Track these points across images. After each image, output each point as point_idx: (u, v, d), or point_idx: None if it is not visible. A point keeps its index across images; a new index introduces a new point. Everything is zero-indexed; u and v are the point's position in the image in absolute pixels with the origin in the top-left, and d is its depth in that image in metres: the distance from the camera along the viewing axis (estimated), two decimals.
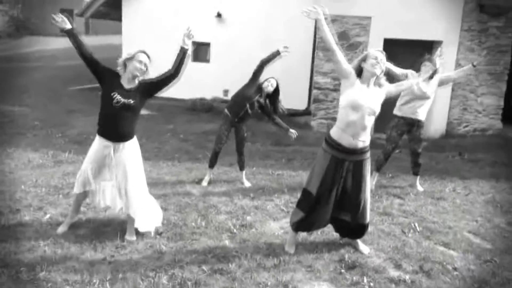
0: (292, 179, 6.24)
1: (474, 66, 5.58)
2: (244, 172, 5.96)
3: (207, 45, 13.22)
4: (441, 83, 5.70)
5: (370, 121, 3.61)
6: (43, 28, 27.44)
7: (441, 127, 9.74)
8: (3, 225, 4.05)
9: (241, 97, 5.60)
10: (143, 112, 10.81)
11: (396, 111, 5.85)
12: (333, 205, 3.77)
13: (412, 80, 4.03)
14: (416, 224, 4.61)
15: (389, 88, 3.78)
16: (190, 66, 13.32)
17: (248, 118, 5.72)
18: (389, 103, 4.48)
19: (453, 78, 5.86)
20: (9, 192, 4.92)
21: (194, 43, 13.20)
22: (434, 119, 9.67)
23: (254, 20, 12.39)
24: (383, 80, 3.72)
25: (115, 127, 3.78)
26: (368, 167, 3.79)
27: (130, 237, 3.97)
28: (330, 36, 3.59)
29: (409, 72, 5.63)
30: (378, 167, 5.94)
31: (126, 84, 3.79)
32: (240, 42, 12.37)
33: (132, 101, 3.74)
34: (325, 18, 3.59)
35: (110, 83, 3.76)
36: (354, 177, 3.71)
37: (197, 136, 8.84)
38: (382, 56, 3.61)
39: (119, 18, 13.91)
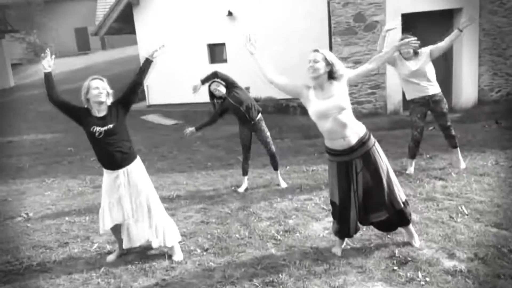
0: (327, 173, 6.15)
1: (460, 30, 5.25)
2: (278, 172, 5.92)
3: (222, 45, 13.22)
4: (433, 54, 5.39)
5: (345, 118, 3.46)
6: (60, 49, 28.01)
7: (473, 96, 9.46)
8: (54, 261, 4.15)
9: (235, 112, 5.59)
10: (169, 122, 10.97)
11: (406, 96, 5.70)
12: (359, 208, 3.70)
13: (367, 64, 3.75)
14: (463, 207, 4.48)
15: (349, 76, 3.56)
16: (209, 68, 13.35)
17: (256, 112, 5.61)
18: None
19: (444, 47, 5.42)
20: (55, 225, 5.05)
21: (208, 45, 13.23)
22: (464, 88, 9.40)
23: (264, 14, 12.29)
24: (338, 72, 3.49)
25: (111, 156, 3.83)
26: (377, 152, 3.61)
27: (177, 257, 4.01)
28: (265, 69, 3.67)
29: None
30: (412, 155, 5.79)
31: (98, 113, 3.81)
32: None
33: (111, 125, 3.78)
34: None
35: (86, 120, 3.80)
36: (368, 170, 3.59)
37: (226, 141, 8.86)
38: (313, 56, 3.46)
39: (133, 31, 14.05)
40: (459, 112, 8.91)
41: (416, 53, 5.41)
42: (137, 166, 3.96)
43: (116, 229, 4.06)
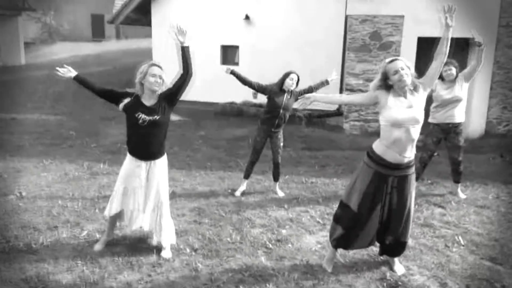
0: (326, 187, 6.11)
1: (479, 45, 5.13)
2: (277, 182, 5.86)
3: (235, 47, 13.20)
4: (469, 77, 5.40)
5: (416, 132, 3.42)
6: (75, 33, 28.06)
7: (480, 127, 9.39)
8: (42, 243, 4.09)
9: (272, 107, 5.47)
10: (174, 118, 10.94)
11: (430, 119, 5.64)
12: (378, 225, 3.61)
13: (438, 61, 3.65)
14: (460, 237, 4.41)
15: (424, 84, 3.49)
16: (220, 70, 13.34)
17: (284, 124, 5.60)
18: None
19: (474, 66, 5.36)
20: (46, 207, 4.99)
21: (222, 46, 13.21)
22: (473, 118, 9.33)
23: (282, 21, 12.27)
24: (417, 82, 3.46)
25: (145, 146, 3.77)
26: (413, 181, 3.61)
27: (166, 254, 3.95)
28: (332, 99, 3.73)
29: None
30: (415, 176, 5.73)
31: (147, 101, 3.76)
32: (268, 44, 12.29)
33: (157, 117, 3.71)
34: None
35: (131, 104, 3.74)
36: (399, 193, 3.52)
37: (228, 142, 8.79)
38: (402, 64, 3.38)
39: (148, 24, 14.06)
40: (465, 142, 8.84)
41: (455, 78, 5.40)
42: (161, 163, 3.91)
43: (116, 217, 4.00)
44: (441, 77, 5.40)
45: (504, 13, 8.90)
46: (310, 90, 5.58)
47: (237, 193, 5.72)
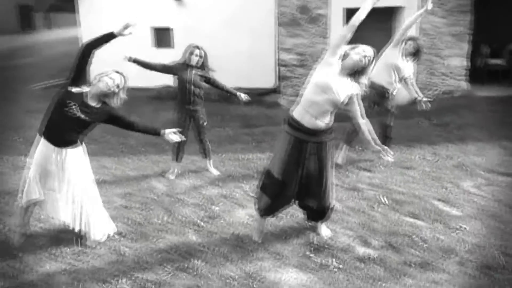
0: (261, 162, 6.12)
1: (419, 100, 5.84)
2: (210, 160, 5.81)
3: (169, 30, 12.90)
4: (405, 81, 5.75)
5: (332, 108, 3.49)
6: (1, 26, 26.44)
7: (408, 93, 9.70)
8: None
9: (181, 84, 5.39)
10: None
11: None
12: (297, 188, 3.66)
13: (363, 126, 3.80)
14: (385, 197, 4.56)
15: (355, 96, 3.59)
16: (154, 53, 13.00)
17: (200, 100, 5.49)
18: None
19: (407, 90, 5.92)
20: None
21: (155, 28, 12.87)
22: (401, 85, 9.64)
23: (214, 2, 12.08)
24: (363, 83, 3.55)
25: (60, 133, 3.60)
26: (332, 149, 3.68)
27: (89, 242, 3.82)
28: (364, 13, 3.48)
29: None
30: (348, 140, 5.85)
31: (89, 99, 3.58)
32: (203, 26, 12.05)
33: (86, 118, 3.55)
34: None
35: (76, 93, 3.55)
36: (318, 159, 3.59)
37: (163, 126, 8.54)
38: (371, 53, 3.46)
39: (74, 10, 13.45)
40: (396, 108, 9.13)
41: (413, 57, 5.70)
42: (75, 153, 3.69)
43: (31, 206, 3.82)
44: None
45: None
46: (220, 87, 5.52)
47: (171, 176, 5.62)
